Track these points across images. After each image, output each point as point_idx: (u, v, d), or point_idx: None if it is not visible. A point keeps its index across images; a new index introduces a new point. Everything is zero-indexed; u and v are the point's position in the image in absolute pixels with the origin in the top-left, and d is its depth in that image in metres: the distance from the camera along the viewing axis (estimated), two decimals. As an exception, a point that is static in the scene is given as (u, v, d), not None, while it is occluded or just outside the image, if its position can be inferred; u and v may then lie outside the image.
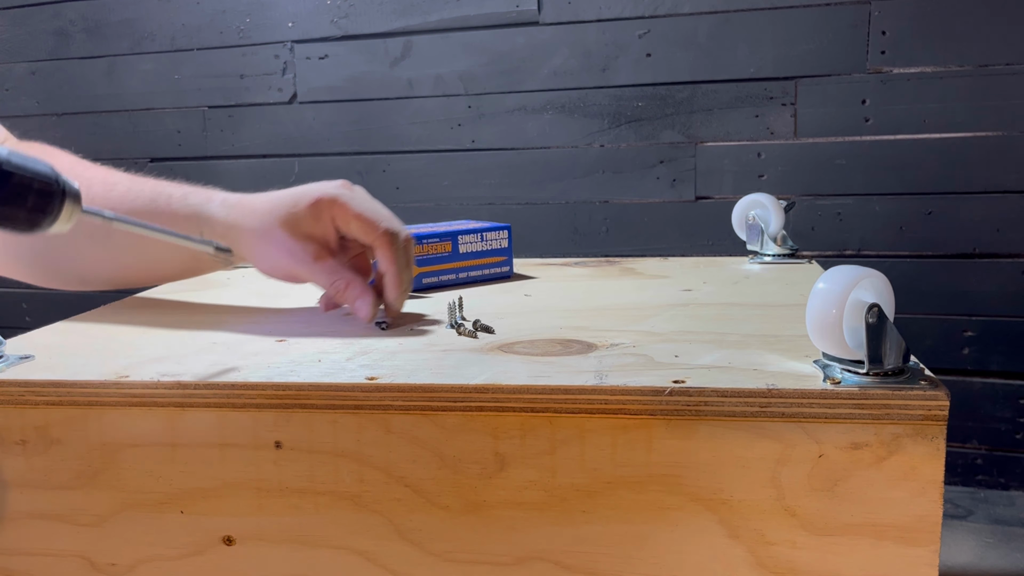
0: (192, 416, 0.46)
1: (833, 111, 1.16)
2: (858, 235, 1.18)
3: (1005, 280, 1.13)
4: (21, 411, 0.48)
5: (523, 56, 1.27)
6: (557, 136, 1.28)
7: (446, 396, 0.44)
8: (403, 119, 1.35)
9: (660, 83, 1.23)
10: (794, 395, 0.40)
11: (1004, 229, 1.12)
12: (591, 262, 0.84)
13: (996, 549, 1.02)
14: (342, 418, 0.45)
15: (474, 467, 0.44)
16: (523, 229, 1.29)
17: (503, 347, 0.51)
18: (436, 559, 0.45)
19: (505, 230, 0.76)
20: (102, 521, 0.48)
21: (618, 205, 1.28)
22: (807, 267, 0.78)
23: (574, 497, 0.43)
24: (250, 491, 0.46)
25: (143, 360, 0.50)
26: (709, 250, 1.23)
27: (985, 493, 1.17)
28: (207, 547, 0.48)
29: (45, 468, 0.48)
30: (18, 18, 1.52)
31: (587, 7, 1.23)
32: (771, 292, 0.67)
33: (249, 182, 1.42)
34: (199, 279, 0.81)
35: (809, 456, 0.41)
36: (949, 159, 1.13)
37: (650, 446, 0.42)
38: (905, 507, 0.40)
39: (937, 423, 0.39)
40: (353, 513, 0.46)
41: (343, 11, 1.34)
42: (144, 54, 1.46)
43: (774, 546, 0.42)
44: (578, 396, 0.42)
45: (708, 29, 1.19)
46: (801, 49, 1.16)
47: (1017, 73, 1.09)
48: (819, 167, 1.18)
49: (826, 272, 0.43)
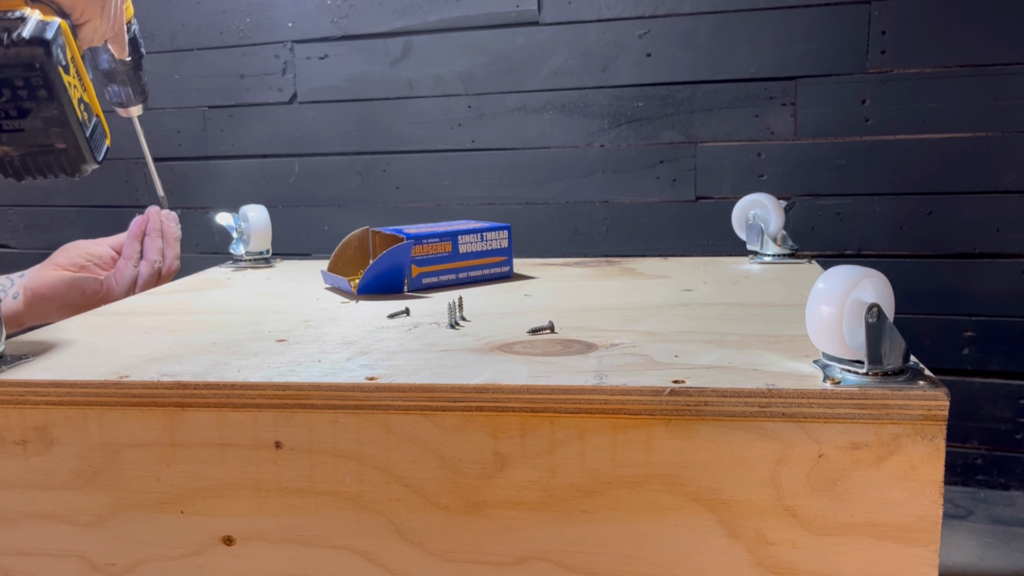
0: (192, 416, 0.46)
1: (833, 111, 1.16)
2: (858, 235, 1.18)
3: (1005, 280, 1.13)
4: (21, 411, 0.48)
5: (523, 56, 1.27)
6: (557, 136, 1.28)
7: (446, 396, 0.44)
8: (403, 119, 1.35)
9: (660, 83, 1.23)
10: (794, 395, 0.40)
11: (1004, 229, 1.12)
12: (591, 262, 0.84)
13: (996, 549, 1.02)
14: (342, 418, 0.45)
15: (474, 467, 0.44)
16: (523, 229, 1.29)
17: (503, 347, 0.51)
18: (436, 559, 0.45)
19: (505, 230, 0.76)
20: (102, 521, 0.48)
21: (618, 205, 1.28)
22: (807, 267, 0.78)
23: (574, 497, 0.43)
24: (250, 491, 0.46)
25: (143, 360, 0.50)
26: (709, 250, 1.23)
27: (985, 493, 1.17)
28: (207, 547, 0.48)
29: (45, 468, 0.48)
30: (18, 18, 1.52)
31: (587, 7, 1.23)
32: (771, 292, 0.67)
33: (249, 182, 1.43)
34: (199, 279, 0.81)
35: (809, 456, 0.41)
36: (949, 159, 1.13)
37: (650, 446, 0.42)
38: (905, 507, 0.40)
39: (937, 423, 0.39)
40: (353, 513, 0.46)
41: (343, 11, 1.34)
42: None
43: (774, 546, 0.42)
44: (578, 396, 0.42)
45: (708, 29, 1.19)
46: (801, 49, 1.16)
47: (1017, 73, 1.09)
48: (819, 167, 1.18)
49: (826, 272, 0.43)
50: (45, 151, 0.58)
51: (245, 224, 0.88)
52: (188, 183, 1.48)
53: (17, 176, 0.60)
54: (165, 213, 0.88)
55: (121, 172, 1.51)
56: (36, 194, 1.58)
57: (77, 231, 1.55)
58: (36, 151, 0.58)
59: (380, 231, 0.77)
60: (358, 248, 0.78)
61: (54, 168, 0.60)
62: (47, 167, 0.59)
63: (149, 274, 0.85)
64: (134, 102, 0.85)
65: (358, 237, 0.78)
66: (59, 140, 0.58)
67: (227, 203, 1.30)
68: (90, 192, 1.54)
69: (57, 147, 0.58)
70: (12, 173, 0.59)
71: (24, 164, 0.59)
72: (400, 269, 0.70)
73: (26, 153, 0.58)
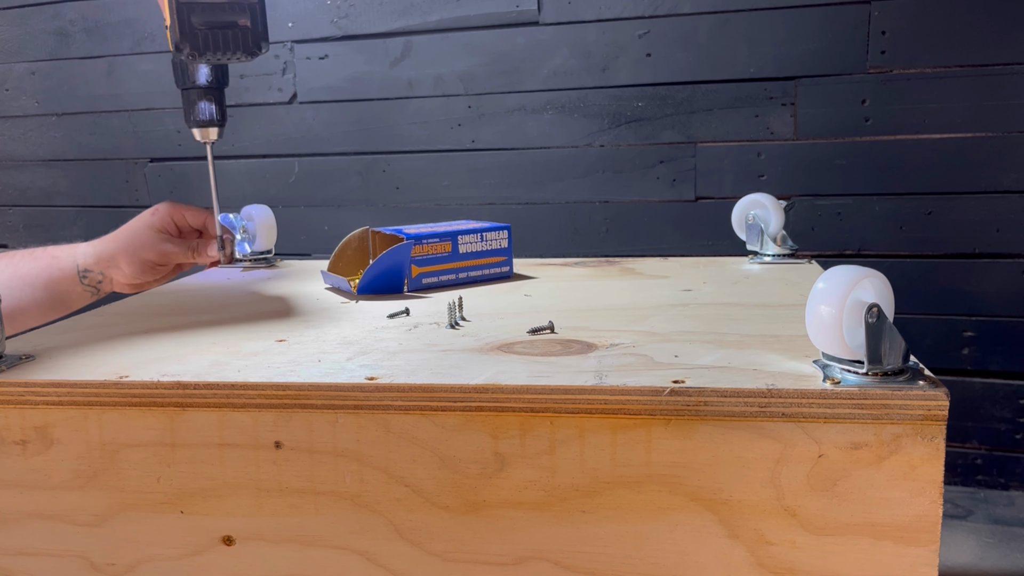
0: (192, 416, 0.46)
1: (833, 111, 1.16)
2: (858, 235, 1.18)
3: (1005, 280, 1.14)
4: (21, 411, 0.48)
5: (523, 56, 1.27)
6: (557, 136, 1.28)
7: (446, 396, 0.44)
8: (403, 119, 1.35)
9: (660, 83, 1.23)
10: (794, 395, 0.40)
11: (1004, 229, 1.12)
12: (591, 262, 0.84)
13: (996, 549, 1.02)
14: (342, 418, 0.45)
15: (474, 467, 0.44)
16: (523, 229, 1.29)
17: (503, 347, 0.51)
18: (436, 559, 0.45)
19: (505, 230, 0.76)
20: (102, 521, 0.48)
21: (618, 205, 1.28)
22: (807, 267, 0.78)
23: (574, 497, 0.43)
24: (250, 491, 0.46)
25: (143, 360, 0.50)
26: (709, 250, 1.23)
27: (985, 493, 1.17)
28: (207, 547, 0.48)
29: (45, 468, 0.48)
30: (18, 18, 1.52)
31: (587, 7, 1.23)
32: (771, 292, 0.67)
33: (249, 182, 1.43)
34: (200, 279, 0.81)
35: (809, 456, 0.41)
36: (949, 159, 1.13)
37: (650, 446, 0.42)
38: (904, 507, 0.40)
39: (937, 423, 0.39)
40: (353, 513, 0.46)
41: (343, 11, 1.34)
42: (144, 54, 1.46)
43: (774, 546, 0.42)
44: (578, 396, 0.42)
45: (708, 29, 1.19)
46: (801, 49, 1.16)
47: (1017, 73, 1.09)
48: (819, 167, 1.18)
49: (826, 272, 0.43)
50: (230, 26, 0.63)
51: (250, 224, 0.88)
52: (188, 183, 1.48)
53: (199, 51, 0.64)
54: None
55: (121, 172, 1.51)
56: (36, 194, 1.58)
57: (77, 231, 1.55)
58: (222, 26, 0.63)
59: (380, 231, 0.77)
60: (358, 248, 0.78)
61: (236, 45, 0.65)
62: (231, 44, 0.64)
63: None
64: (218, 123, 0.85)
65: (358, 237, 0.78)
66: (243, 17, 0.63)
67: (227, 203, 1.30)
68: (90, 192, 1.54)
69: (240, 23, 0.63)
70: (197, 46, 0.64)
71: (209, 39, 0.63)
72: (400, 269, 0.70)
73: (215, 26, 0.63)
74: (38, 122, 1.55)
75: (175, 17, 0.63)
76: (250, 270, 0.86)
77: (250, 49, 0.66)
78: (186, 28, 0.63)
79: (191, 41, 0.63)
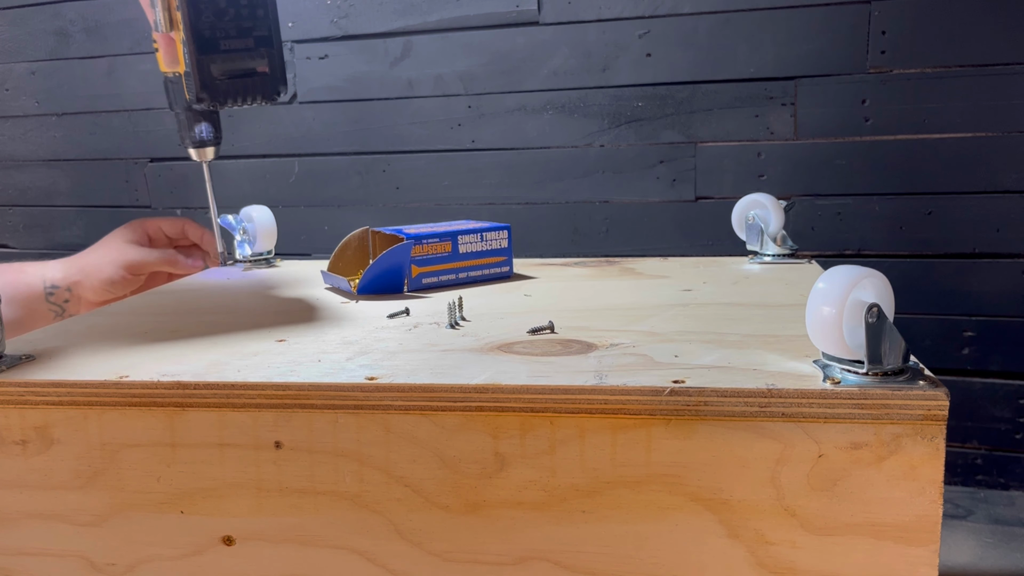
0: (192, 416, 0.46)
1: (833, 111, 1.16)
2: (858, 235, 1.18)
3: (1005, 280, 1.13)
4: (21, 411, 0.48)
5: (523, 56, 1.27)
6: (557, 136, 1.28)
7: (446, 396, 0.44)
8: (403, 119, 1.35)
9: (660, 83, 1.23)
10: (794, 395, 0.40)
11: (1004, 229, 1.12)
12: (591, 262, 0.84)
13: (996, 549, 1.02)
14: (342, 418, 0.45)
15: (474, 467, 0.44)
16: (523, 229, 1.29)
17: (503, 347, 0.51)
18: (436, 559, 0.45)
19: (505, 230, 0.76)
20: (102, 521, 0.48)
21: (618, 205, 1.27)
22: (807, 267, 0.78)
23: (574, 497, 0.43)
24: (250, 491, 0.46)
25: (143, 360, 0.50)
26: (709, 250, 1.23)
27: (985, 493, 1.17)
28: (207, 547, 0.48)
29: (45, 468, 0.48)
30: (18, 18, 1.52)
31: (587, 7, 1.23)
32: (771, 292, 0.67)
33: (249, 182, 1.42)
34: (199, 279, 0.81)
35: (809, 456, 0.41)
36: (949, 159, 1.13)
37: (650, 446, 0.42)
38: (905, 507, 0.40)
39: (937, 423, 0.39)
40: (353, 513, 0.46)
41: (343, 11, 1.34)
42: (144, 54, 1.46)
43: (774, 546, 0.42)
44: (578, 396, 0.42)
45: (708, 29, 1.19)
46: (801, 49, 1.16)
47: (1017, 73, 1.09)
48: (819, 167, 1.18)
49: (826, 272, 0.43)
50: (249, 74, 0.64)
51: (250, 225, 0.88)
52: (188, 183, 1.48)
53: (220, 102, 0.64)
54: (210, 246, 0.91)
55: (121, 172, 1.51)
56: (36, 194, 1.58)
57: (77, 231, 1.55)
58: (242, 74, 0.64)
59: (380, 231, 0.77)
60: (358, 248, 0.78)
61: (255, 92, 0.65)
62: (248, 91, 0.65)
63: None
64: (214, 142, 0.85)
65: (358, 237, 0.78)
66: (262, 64, 0.64)
67: (227, 203, 1.30)
68: (90, 192, 1.54)
69: (259, 71, 0.64)
70: (218, 98, 0.64)
71: (229, 89, 0.64)
72: (400, 269, 0.70)
73: (235, 74, 0.64)
74: (38, 122, 1.55)
75: (194, 69, 0.63)
76: (250, 270, 0.86)
77: (269, 95, 0.66)
78: (207, 80, 0.63)
79: (211, 92, 0.63)
